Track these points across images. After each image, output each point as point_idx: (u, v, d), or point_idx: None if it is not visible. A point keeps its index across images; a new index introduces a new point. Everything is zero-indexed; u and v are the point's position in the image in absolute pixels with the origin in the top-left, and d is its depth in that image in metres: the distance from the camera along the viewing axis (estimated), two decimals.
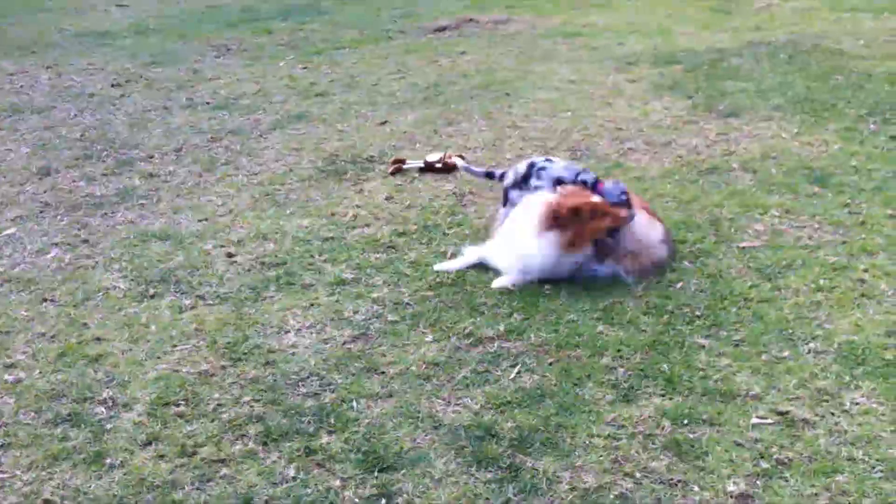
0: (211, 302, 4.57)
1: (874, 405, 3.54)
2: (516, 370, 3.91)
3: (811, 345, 3.97)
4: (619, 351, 4.01)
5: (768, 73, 8.04)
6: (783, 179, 5.73)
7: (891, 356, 3.83)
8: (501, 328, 4.23)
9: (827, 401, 3.58)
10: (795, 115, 6.91)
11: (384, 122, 7.32)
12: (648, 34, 9.79)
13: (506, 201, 5.08)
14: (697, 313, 4.28)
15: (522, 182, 5.02)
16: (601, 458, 3.33)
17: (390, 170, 6.17)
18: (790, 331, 4.08)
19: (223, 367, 4.00)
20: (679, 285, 4.54)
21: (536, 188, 4.93)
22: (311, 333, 4.24)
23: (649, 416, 3.55)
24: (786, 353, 3.91)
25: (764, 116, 6.93)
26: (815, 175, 5.76)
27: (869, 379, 3.70)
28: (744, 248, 4.85)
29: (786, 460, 3.26)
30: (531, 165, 5.04)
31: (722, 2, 11.19)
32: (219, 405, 3.74)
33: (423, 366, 3.96)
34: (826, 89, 7.50)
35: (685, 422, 3.50)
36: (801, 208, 5.31)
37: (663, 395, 3.68)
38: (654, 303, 4.39)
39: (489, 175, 5.39)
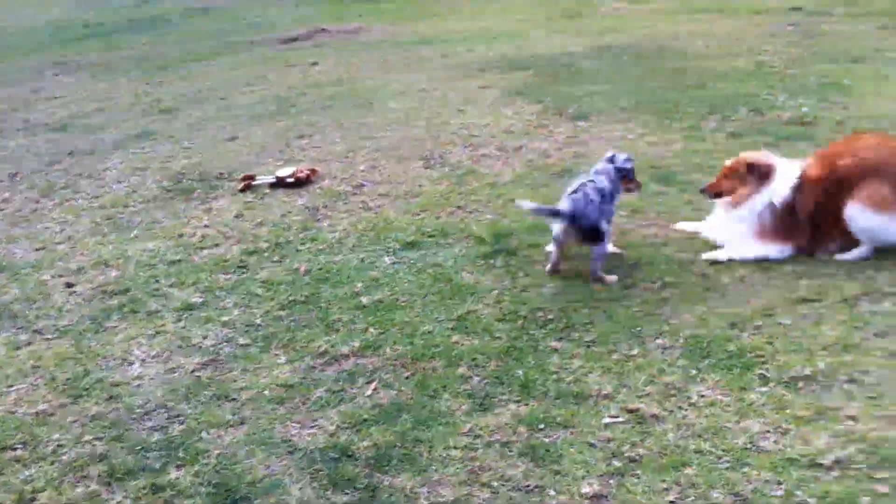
0: (49, 336, 4.34)
1: (719, 396, 3.63)
2: (372, 387, 3.85)
3: (659, 341, 4.05)
4: (474, 360, 4.00)
5: (616, 76, 8.24)
6: None
7: (734, 347, 3.94)
8: (357, 344, 4.17)
9: (675, 395, 3.66)
10: (642, 116, 7.10)
11: (234, 138, 7.16)
12: (501, 40, 9.92)
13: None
14: (550, 317, 4.31)
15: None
16: (458, 471, 3.31)
17: (240, 186, 6.03)
18: (639, 328, 4.16)
19: (63, 406, 3.79)
20: (533, 290, 4.58)
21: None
22: (157, 363, 4.07)
23: (505, 424, 3.54)
24: (635, 351, 3.98)
25: (612, 118, 7.09)
26: (660, 174, 5.92)
27: (714, 371, 3.80)
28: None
29: (637, 457, 3.30)
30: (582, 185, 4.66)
31: (573, 7, 11.45)
32: (59, 446, 3.54)
33: (277, 389, 3.85)
34: (671, 90, 7.74)
35: (540, 426, 3.51)
36: (648, 207, 5.44)
37: (518, 402, 3.68)
38: (509, 309, 4.41)
39: (554, 213, 4.63)
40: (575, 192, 4.62)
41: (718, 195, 4.96)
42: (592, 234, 4.57)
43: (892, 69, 7.78)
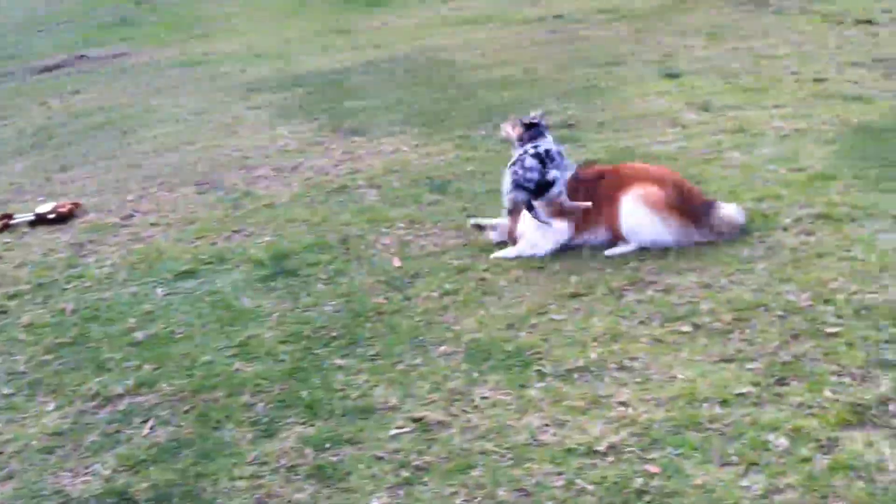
0: None
1: (501, 396, 3.72)
2: (150, 425, 3.69)
3: (442, 348, 4.11)
4: (257, 386, 3.91)
5: (388, 89, 8.34)
6: (407, 192, 5.94)
7: (512, 347, 4.05)
8: (131, 382, 3.98)
9: (459, 400, 3.72)
10: (415, 128, 7.21)
11: None
12: (272, 58, 9.81)
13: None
14: (334, 334, 4.29)
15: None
16: (245, 501, 3.21)
17: None
18: (422, 337, 4.21)
19: None
20: (315, 309, 4.53)
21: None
22: None
23: (291, 447, 3.48)
24: (419, 360, 4.02)
25: (386, 132, 7.16)
26: (435, 184, 6.03)
27: (495, 372, 3.89)
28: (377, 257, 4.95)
29: (425, 465, 3.33)
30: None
31: (343, 22, 11.48)
32: None
33: (46, 438, 3.62)
34: (442, 100, 7.91)
35: (327, 445, 3.47)
36: (425, 217, 5.52)
37: (304, 423, 3.63)
38: (292, 330, 4.34)
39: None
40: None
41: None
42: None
43: (648, 70, 8.30)
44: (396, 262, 4.95)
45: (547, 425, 3.51)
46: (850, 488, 3.05)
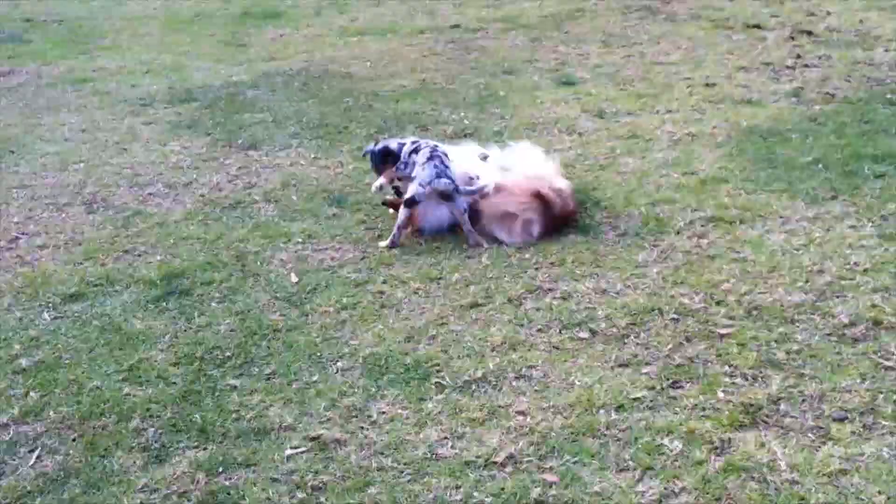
0: None
1: (399, 411, 3.68)
2: (35, 455, 3.53)
3: (339, 364, 4.05)
4: (148, 410, 3.78)
5: (284, 102, 8.20)
6: (304, 205, 5.84)
7: (410, 360, 4.02)
8: (15, 411, 3.81)
9: (356, 416, 3.66)
10: (312, 141, 7.11)
11: None
12: (163, 73, 9.55)
13: None
14: (228, 354, 4.18)
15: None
16: None
17: None
18: (319, 354, 4.13)
19: None
20: (209, 329, 4.41)
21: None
22: None
23: (183, 473, 3.37)
24: (315, 377, 3.94)
25: (282, 145, 7.04)
26: (333, 197, 5.95)
27: (393, 386, 3.84)
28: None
29: (321, 485, 3.26)
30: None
31: (235, 35, 11.26)
32: None
33: None
34: (338, 112, 7.82)
35: (220, 469, 3.38)
36: (323, 231, 5.44)
37: (197, 447, 3.52)
38: (184, 352, 4.22)
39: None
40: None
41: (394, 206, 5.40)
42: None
43: (542, 79, 8.37)
44: (293, 278, 4.86)
45: (445, 438, 3.49)
46: (743, 489, 3.11)
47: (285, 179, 6.30)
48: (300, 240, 5.34)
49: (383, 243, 5.19)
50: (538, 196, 5.13)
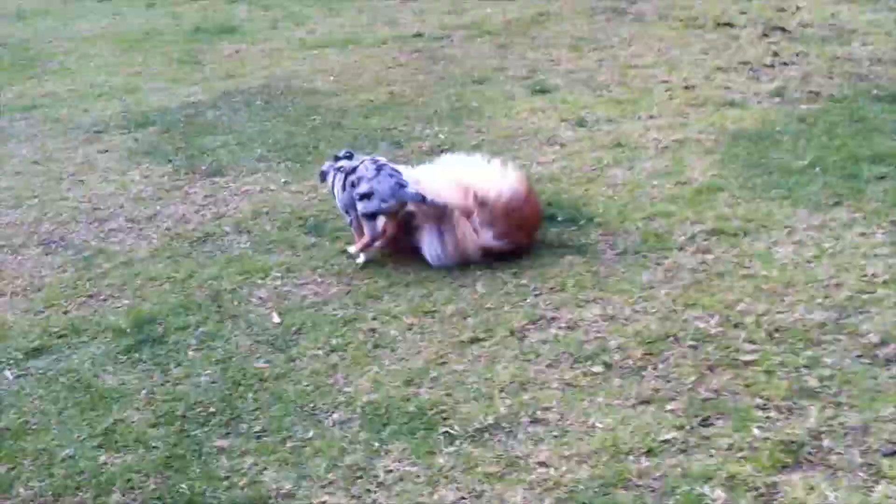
0: None
1: (407, 468, 3.35)
2: None
3: (335, 415, 3.71)
4: (129, 482, 3.41)
5: (247, 123, 7.82)
6: (280, 235, 5.48)
7: (413, 407, 3.69)
8: None
9: (361, 477, 3.33)
10: (280, 164, 6.74)
11: None
12: (116, 96, 9.09)
13: None
14: (212, 410, 3.82)
15: None
16: None
17: None
18: (312, 405, 3.79)
19: None
20: (188, 381, 4.05)
21: None
22: None
23: None
24: (311, 433, 3.60)
25: (250, 169, 6.66)
26: (310, 224, 5.60)
27: (397, 439, 3.51)
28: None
29: None
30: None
31: (189, 52, 10.82)
32: None
33: None
34: (306, 132, 7.46)
35: None
36: (302, 264, 5.09)
37: None
38: (164, 409, 3.85)
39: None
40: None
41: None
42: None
43: (515, 87, 8.07)
44: (275, 318, 4.51)
45: (462, 499, 3.17)
46: None
47: (256, 207, 5.93)
48: (279, 274, 4.99)
49: (353, 248, 5.07)
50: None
